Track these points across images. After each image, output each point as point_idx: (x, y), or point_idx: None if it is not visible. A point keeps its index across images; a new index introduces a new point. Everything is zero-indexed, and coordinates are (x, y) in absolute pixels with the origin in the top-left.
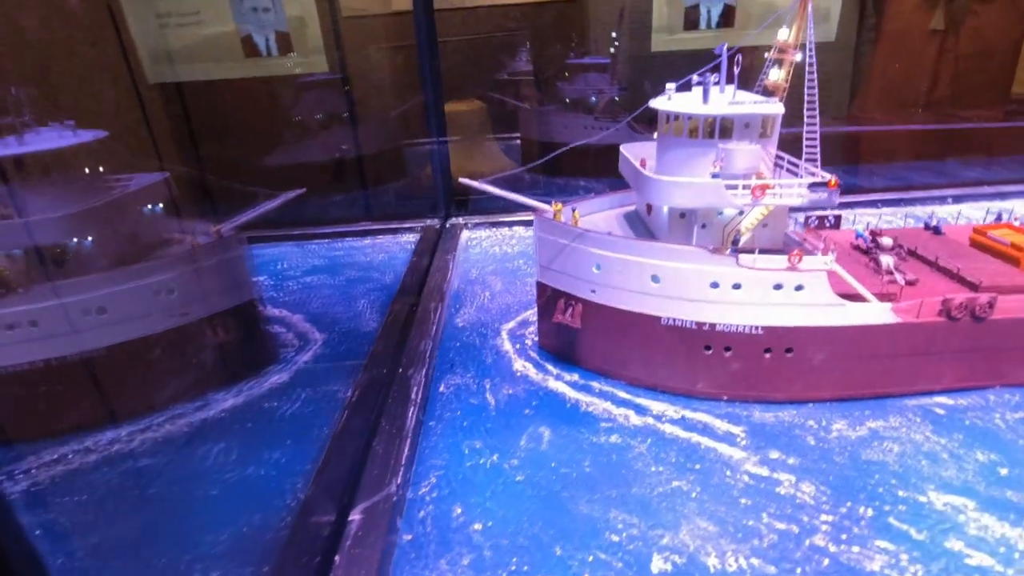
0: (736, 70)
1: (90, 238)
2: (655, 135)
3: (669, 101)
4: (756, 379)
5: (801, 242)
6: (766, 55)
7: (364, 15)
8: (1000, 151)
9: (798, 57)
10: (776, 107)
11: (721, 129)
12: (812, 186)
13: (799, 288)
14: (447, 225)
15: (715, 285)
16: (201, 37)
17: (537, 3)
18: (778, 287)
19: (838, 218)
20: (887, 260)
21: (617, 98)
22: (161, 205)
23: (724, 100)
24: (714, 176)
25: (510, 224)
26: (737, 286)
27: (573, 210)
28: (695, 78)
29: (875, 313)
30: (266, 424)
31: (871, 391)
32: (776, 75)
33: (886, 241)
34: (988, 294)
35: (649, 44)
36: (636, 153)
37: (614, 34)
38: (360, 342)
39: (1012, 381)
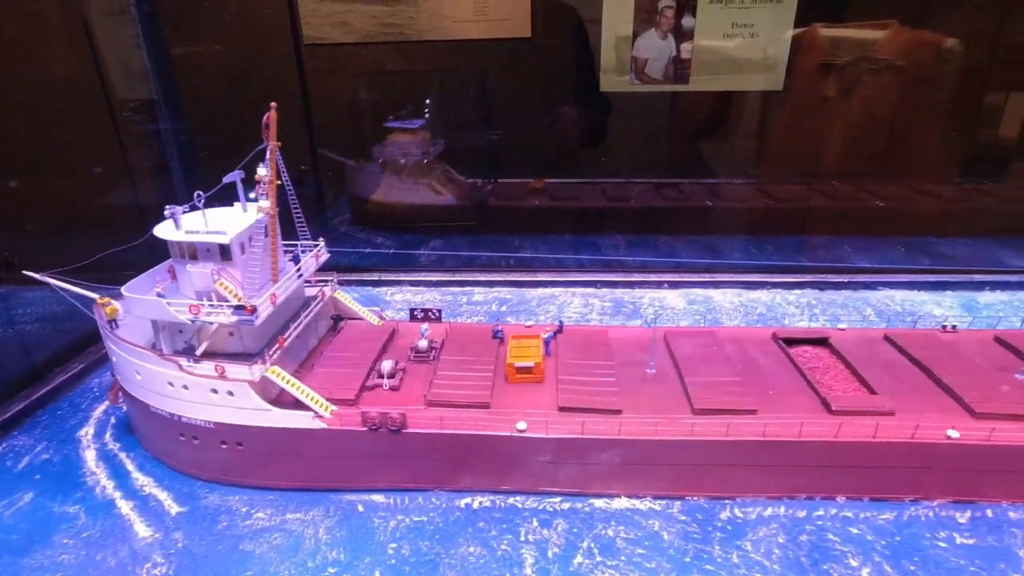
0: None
1: None
2: None
3: (168, 225)
4: (220, 466)
5: (262, 352)
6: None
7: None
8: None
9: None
10: (222, 237)
11: (188, 252)
12: (235, 309)
13: (231, 394)
14: None
15: (171, 384)
16: None
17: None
18: (214, 391)
19: (440, 311)
20: (387, 365)
21: (426, 161)
22: None
23: (198, 225)
24: (159, 295)
25: None
26: (186, 387)
27: (105, 304)
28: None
29: (300, 419)
30: None
31: (320, 484)
32: (264, 204)
33: (422, 344)
34: (399, 410)
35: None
36: None
37: (427, 101)
38: None
39: (453, 487)
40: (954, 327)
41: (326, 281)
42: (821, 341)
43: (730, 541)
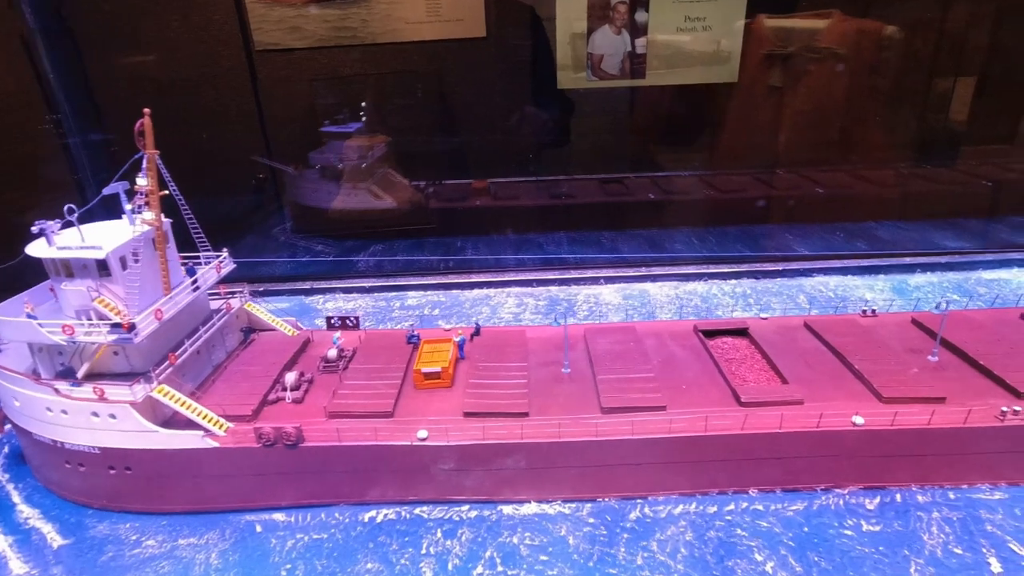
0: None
1: None
2: None
3: (42, 242)
4: (109, 493)
5: (157, 371)
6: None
7: None
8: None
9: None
10: (97, 252)
11: (64, 270)
12: (112, 327)
13: (113, 416)
14: None
15: (50, 409)
16: None
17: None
18: (96, 415)
19: (357, 318)
20: (290, 377)
21: (364, 165)
22: None
23: (74, 241)
24: (29, 316)
25: None
26: (65, 412)
27: None
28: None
29: (189, 439)
30: None
31: (217, 506)
32: (149, 216)
33: (331, 353)
34: (295, 424)
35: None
36: None
37: (363, 104)
38: None
39: (359, 500)
40: (874, 311)
41: (234, 293)
42: (741, 331)
43: (636, 542)
